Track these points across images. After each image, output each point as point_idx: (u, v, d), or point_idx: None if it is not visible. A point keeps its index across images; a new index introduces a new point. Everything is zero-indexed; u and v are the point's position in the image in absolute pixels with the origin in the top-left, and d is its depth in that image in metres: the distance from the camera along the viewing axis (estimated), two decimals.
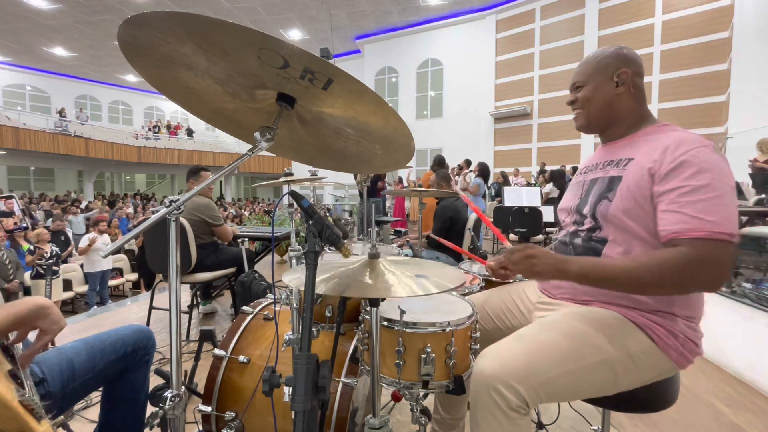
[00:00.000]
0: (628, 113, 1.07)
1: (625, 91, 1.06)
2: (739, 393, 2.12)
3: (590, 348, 0.91)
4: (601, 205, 1.01)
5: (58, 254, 5.10)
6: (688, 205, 0.86)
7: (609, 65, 1.06)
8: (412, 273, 0.93)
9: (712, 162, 0.88)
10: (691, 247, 0.83)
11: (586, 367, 0.89)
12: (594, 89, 1.08)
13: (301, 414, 0.61)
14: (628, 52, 1.07)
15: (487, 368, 0.87)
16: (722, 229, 0.82)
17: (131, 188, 22.70)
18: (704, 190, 0.85)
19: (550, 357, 0.89)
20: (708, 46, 9.96)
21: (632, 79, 1.05)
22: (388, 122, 0.86)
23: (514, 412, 0.84)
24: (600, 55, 1.09)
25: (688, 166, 0.88)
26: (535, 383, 0.86)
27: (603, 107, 1.08)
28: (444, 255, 2.96)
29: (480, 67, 14.01)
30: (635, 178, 0.96)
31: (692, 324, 0.95)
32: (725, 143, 4.30)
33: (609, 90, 1.06)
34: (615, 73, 1.05)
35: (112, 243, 0.99)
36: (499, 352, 0.91)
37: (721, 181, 0.86)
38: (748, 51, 7.27)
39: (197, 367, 1.59)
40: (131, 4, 12.58)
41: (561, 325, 0.95)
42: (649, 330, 0.93)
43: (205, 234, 2.97)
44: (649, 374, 0.94)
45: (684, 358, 0.93)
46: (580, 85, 1.11)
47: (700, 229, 0.83)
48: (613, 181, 1.01)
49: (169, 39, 0.69)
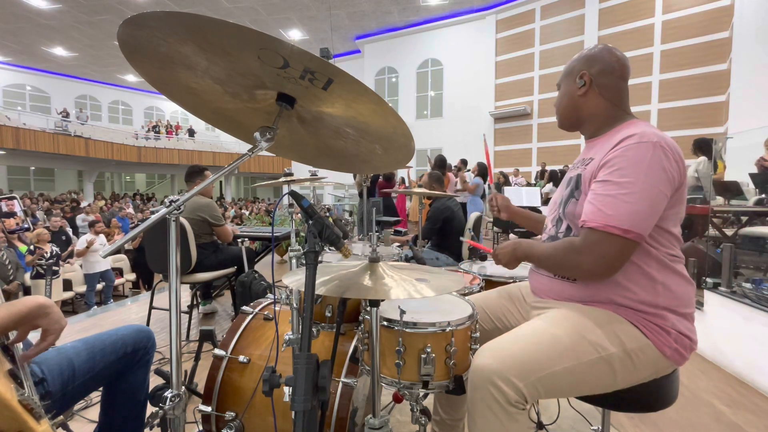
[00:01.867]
0: (597, 113, 1.08)
1: (588, 91, 1.07)
2: (739, 393, 2.12)
3: (589, 345, 0.91)
4: (569, 205, 1.05)
5: (58, 254, 5.10)
6: (598, 198, 0.92)
7: (574, 68, 1.10)
8: (411, 277, 0.93)
9: (639, 159, 0.89)
10: (583, 235, 0.92)
11: (584, 364, 0.90)
12: (563, 91, 1.13)
13: (301, 414, 0.61)
14: (594, 52, 1.07)
15: (485, 364, 0.88)
16: (616, 223, 0.87)
17: (131, 188, 22.70)
18: (617, 185, 0.89)
19: (550, 353, 0.89)
20: (708, 46, 9.95)
21: (595, 79, 1.06)
22: (388, 122, 0.86)
23: (512, 407, 0.84)
24: (574, 57, 1.12)
25: (614, 162, 0.92)
26: (534, 379, 0.86)
27: (569, 108, 1.12)
28: (444, 255, 2.96)
29: (480, 67, 14.00)
30: (588, 175, 0.99)
31: (683, 319, 0.96)
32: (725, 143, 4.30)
33: (573, 91, 1.09)
34: (577, 75, 1.08)
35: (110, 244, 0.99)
36: (498, 348, 0.91)
37: (638, 178, 0.88)
38: (748, 51, 7.26)
39: (197, 367, 1.59)
40: (131, 4, 12.58)
41: (559, 322, 0.96)
42: (641, 326, 0.94)
43: (206, 234, 2.97)
44: (647, 372, 0.94)
45: (678, 354, 0.94)
46: (558, 87, 1.16)
47: (596, 220, 0.89)
48: (578, 180, 1.04)
49: (169, 39, 0.69)
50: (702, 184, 4.00)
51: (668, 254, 0.95)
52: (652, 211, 0.89)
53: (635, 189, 0.88)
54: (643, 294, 0.94)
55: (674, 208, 0.94)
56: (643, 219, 0.88)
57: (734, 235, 3.46)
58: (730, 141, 4.29)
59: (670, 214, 0.94)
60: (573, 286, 1.02)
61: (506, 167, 12.04)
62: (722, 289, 2.51)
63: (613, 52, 1.06)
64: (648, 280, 0.94)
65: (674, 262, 0.96)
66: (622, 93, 1.07)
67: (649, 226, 0.89)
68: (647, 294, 0.94)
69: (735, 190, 3.87)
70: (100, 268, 5.75)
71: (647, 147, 0.89)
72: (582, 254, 0.91)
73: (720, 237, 3.46)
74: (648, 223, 0.89)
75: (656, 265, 0.94)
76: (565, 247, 0.96)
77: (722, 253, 2.65)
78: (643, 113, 10.79)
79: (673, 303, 0.94)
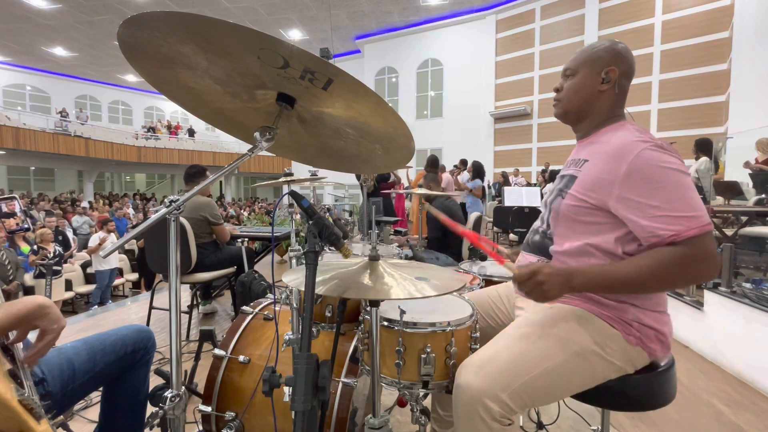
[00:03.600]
0: (602, 111, 1.05)
1: (608, 89, 1.03)
2: (739, 393, 2.12)
3: (560, 342, 0.92)
4: (555, 202, 1.05)
5: (61, 254, 5.10)
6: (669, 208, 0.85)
7: (600, 59, 1.03)
8: (411, 276, 0.93)
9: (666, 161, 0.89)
10: (690, 246, 0.84)
11: (561, 363, 0.90)
12: (581, 80, 1.05)
13: (301, 414, 0.61)
14: (623, 50, 1.03)
15: (470, 382, 0.87)
16: (706, 219, 0.85)
17: (131, 188, 22.69)
18: (676, 187, 0.86)
19: (526, 359, 0.90)
20: (708, 46, 9.95)
21: (619, 80, 1.02)
22: (388, 122, 0.86)
23: (496, 423, 0.84)
24: (596, 46, 1.05)
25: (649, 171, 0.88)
26: (516, 387, 0.87)
27: (583, 101, 1.06)
28: (444, 255, 2.97)
29: (480, 67, 14.00)
30: (589, 180, 0.97)
31: (647, 311, 0.95)
32: (725, 143, 4.30)
33: (594, 85, 1.03)
34: (604, 69, 1.02)
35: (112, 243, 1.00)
36: (479, 363, 0.91)
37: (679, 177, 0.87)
38: (748, 51, 7.26)
39: (197, 367, 1.59)
40: (131, 4, 12.58)
41: (531, 326, 0.97)
42: (607, 319, 0.95)
43: (206, 234, 2.98)
44: (622, 361, 0.94)
45: (643, 344, 0.94)
46: (570, 73, 1.08)
47: (692, 226, 0.84)
48: (571, 180, 1.03)
49: (169, 39, 0.69)
50: (702, 185, 4.01)
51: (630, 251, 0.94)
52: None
53: (689, 184, 0.88)
54: None
55: None
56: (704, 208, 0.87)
57: (734, 235, 3.46)
58: (730, 141, 4.29)
59: None
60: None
61: (506, 167, 12.04)
62: (722, 289, 2.51)
63: (632, 54, 1.05)
64: None
65: None
66: (625, 97, 1.06)
67: None
68: None
69: (735, 190, 3.88)
70: (110, 266, 5.86)
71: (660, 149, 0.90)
72: (699, 262, 0.84)
73: (720, 237, 3.46)
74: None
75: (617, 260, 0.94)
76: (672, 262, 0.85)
77: (722, 253, 2.65)
78: (643, 113, 10.80)
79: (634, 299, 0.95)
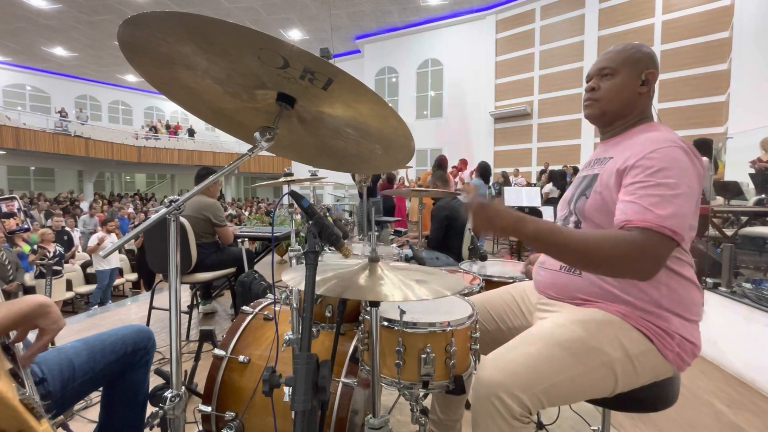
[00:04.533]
0: (637, 112, 1.07)
1: (646, 91, 1.05)
2: (739, 393, 2.12)
3: (591, 351, 0.90)
4: (579, 202, 1.04)
5: (61, 254, 5.10)
6: (644, 197, 0.86)
7: (640, 61, 1.04)
8: (411, 279, 0.92)
9: (677, 161, 0.88)
10: (640, 234, 0.83)
11: (587, 371, 0.89)
12: (622, 82, 1.04)
13: (301, 414, 0.61)
14: (653, 55, 1.06)
15: (489, 377, 0.87)
16: (669, 225, 0.83)
17: (131, 188, 22.69)
18: (663, 186, 0.86)
19: (552, 363, 0.88)
20: (708, 46, 9.95)
21: (652, 83, 1.05)
22: (387, 122, 0.86)
23: (517, 420, 0.84)
24: (632, 48, 1.06)
25: (652, 163, 0.89)
26: (537, 390, 0.86)
27: (624, 102, 1.05)
28: (444, 255, 2.96)
29: (480, 67, 13.99)
30: (607, 176, 0.98)
31: (688, 324, 0.95)
32: (725, 143, 4.30)
33: (635, 86, 1.04)
34: (644, 72, 1.04)
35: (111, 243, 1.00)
36: (501, 360, 0.90)
37: (681, 180, 0.87)
38: (748, 51, 7.26)
39: (197, 367, 1.59)
40: (131, 4, 12.58)
41: (561, 330, 0.94)
42: (644, 329, 0.93)
43: (208, 234, 2.98)
44: (648, 376, 0.94)
45: (680, 359, 0.93)
46: (608, 73, 1.06)
47: (649, 220, 0.83)
48: (593, 179, 1.03)
49: (169, 39, 0.69)
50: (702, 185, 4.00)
51: (677, 256, 0.95)
52: (692, 215, 0.88)
53: (681, 191, 0.85)
54: (647, 294, 0.93)
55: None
56: (686, 222, 0.86)
57: (734, 235, 3.46)
58: (730, 141, 4.29)
59: None
60: (579, 279, 1.01)
61: (506, 167, 12.04)
62: (722, 289, 2.52)
63: None
64: (654, 280, 0.92)
65: (682, 266, 0.95)
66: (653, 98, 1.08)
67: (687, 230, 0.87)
68: (652, 294, 0.93)
69: (735, 190, 3.88)
70: (109, 266, 5.84)
71: (682, 151, 0.89)
72: (642, 254, 0.83)
73: (720, 237, 3.46)
74: (687, 227, 0.87)
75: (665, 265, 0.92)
76: (617, 240, 0.84)
77: (722, 253, 2.65)
78: None
79: (678, 307, 0.93)
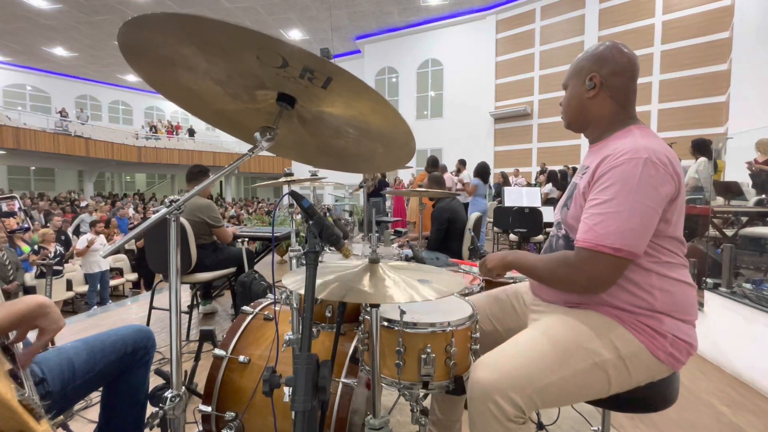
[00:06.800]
0: (604, 116, 1.04)
1: (598, 93, 1.03)
2: (739, 393, 2.12)
3: (584, 353, 0.91)
4: (562, 212, 1.06)
5: (62, 254, 5.10)
6: (592, 216, 0.91)
7: (583, 68, 1.05)
8: (413, 278, 0.92)
9: (628, 176, 0.88)
10: (576, 254, 0.92)
11: (579, 372, 0.90)
12: (571, 93, 1.09)
13: (301, 414, 0.61)
14: (605, 50, 1.02)
15: (482, 378, 0.88)
16: (607, 242, 0.87)
17: (131, 188, 22.69)
18: (606, 204, 0.89)
19: (545, 364, 0.89)
20: (708, 47, 9.96)
21: (607, 81, 1.01)
22: (388, 120, 0.86)
23: (511, 422, 0.85)
24: (580, 57, 1.07)
25: (603, 179, 0.92)
26: (530, 391, 0.86)
27: (576, 111, 1.08)
28: (444, 255, 2.96)
29: (480, 67, 14.00)
30: (582, 188, 0.99)
31: (682, 323, 0.94)
32: (725, 143, 4.30)
33: (582, 94, 1.05)
34: (587, 77, 1.03)
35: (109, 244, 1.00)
36: (494, 361, 0.91)
37: (627, 197, 0.87)
38: (748, 51, 7.27)
39: (197, 367, 1.58)
40: (131, 5, 12.58)
41: (553, 330, 0.95)
42: (636, 330, 0.93)
43: (206, 234, 2.97)
44: (642, 376, 0.94)
45: (674, 359, 0.93)
46: (565, 86, 1.12)
47: (587, 239, 0.90)
48: (574, 189, 1.04)
49: (169, 40, 0.69)
50: (702, 185, 4.00)
51: (668, 260, 0.95)
52: (644, 228, 0.88)
53: (624, 207, 0.87)
54: (639, 298, 0.94)
55: (674, 216, 0.93)
56: (636, 236, 0.87)
57: (734, 235, 3.46)
58: (731, 141, 4.29)
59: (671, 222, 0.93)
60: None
61: (506, 167, 12.04)
62: (722, 290, 2.51)
63: (623, 51, 1.01)
64: (646, 284, 0.93)
65: (674, 268, 0.95)
66: (630, 94, 1.03)
67: (642, 243, 0.88)
68: (644, 298, 0.93)
69: (735, 191, 3.88)
70: (99, 269, 5.74)
71: (636, 164, 0.88)
72: (575, 271, 0.92)
73: (720, 237, 3.46)
74: (641, 240, 0.88)
75: (656, 270, 0.93)
76: (559, 262, 0.96)
77: (722, 254, 2.65)
78: (643, 113, 10.79)
79: (671, 308, 0.93)
